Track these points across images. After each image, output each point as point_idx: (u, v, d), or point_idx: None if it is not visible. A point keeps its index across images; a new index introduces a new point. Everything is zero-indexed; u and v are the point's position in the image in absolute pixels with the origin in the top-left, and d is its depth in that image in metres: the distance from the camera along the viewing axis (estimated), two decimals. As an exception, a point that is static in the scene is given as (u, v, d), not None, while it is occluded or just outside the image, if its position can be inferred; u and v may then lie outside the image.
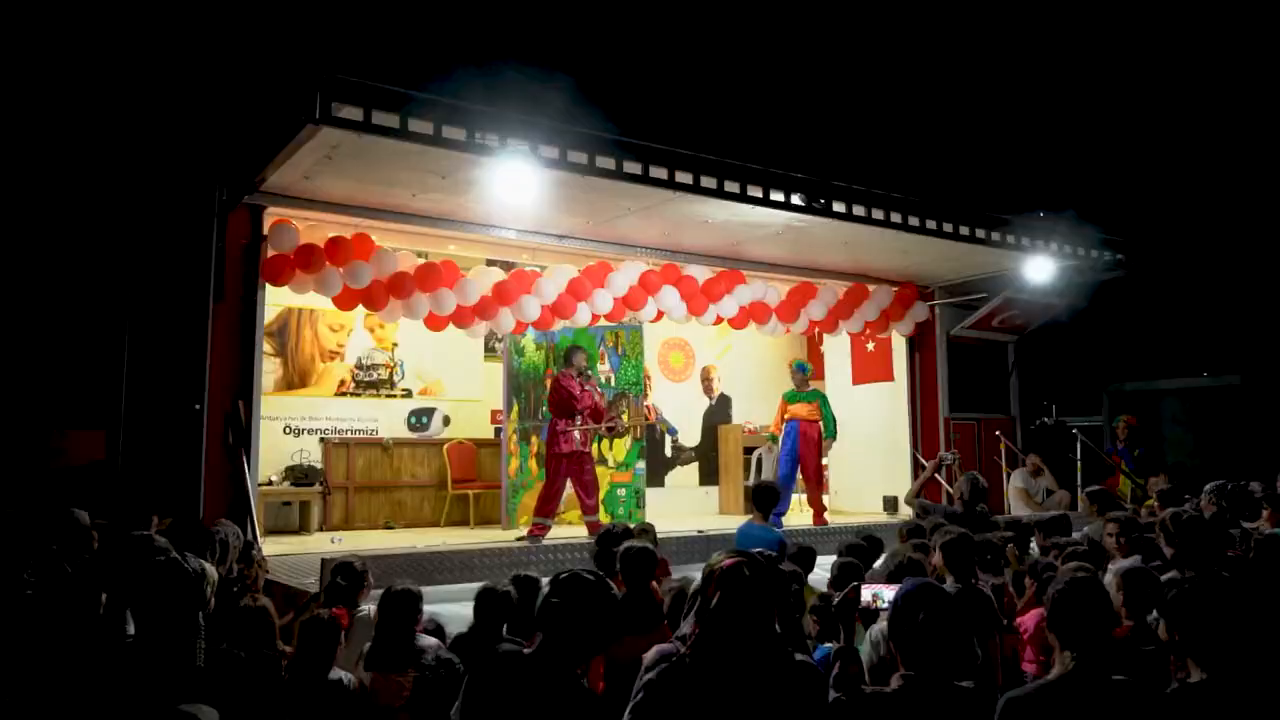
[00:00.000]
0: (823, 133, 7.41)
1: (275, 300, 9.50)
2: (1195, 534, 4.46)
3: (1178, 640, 2.68)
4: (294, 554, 7.74)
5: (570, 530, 9.20)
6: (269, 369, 9.88)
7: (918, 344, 11.69)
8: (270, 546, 8.43)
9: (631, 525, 4.96)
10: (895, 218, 7.81)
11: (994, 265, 9.95)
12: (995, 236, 8.47)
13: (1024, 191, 8.59)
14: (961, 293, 11.35)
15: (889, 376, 11.79)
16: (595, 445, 10.87)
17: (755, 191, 6.99)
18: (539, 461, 10.60)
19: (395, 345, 10.55)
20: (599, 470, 10.77)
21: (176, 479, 7.22)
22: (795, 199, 7.21)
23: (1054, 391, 12.21)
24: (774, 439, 10.67)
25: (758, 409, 12.63)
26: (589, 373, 9.25)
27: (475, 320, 8.65)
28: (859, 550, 5.90)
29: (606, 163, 6.25)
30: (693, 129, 6.84)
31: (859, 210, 7.61)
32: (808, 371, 10.50)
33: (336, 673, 3.52)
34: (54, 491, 6.63)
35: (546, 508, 8.60)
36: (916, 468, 11.35)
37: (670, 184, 6.60)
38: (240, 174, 6.79)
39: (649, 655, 2.39)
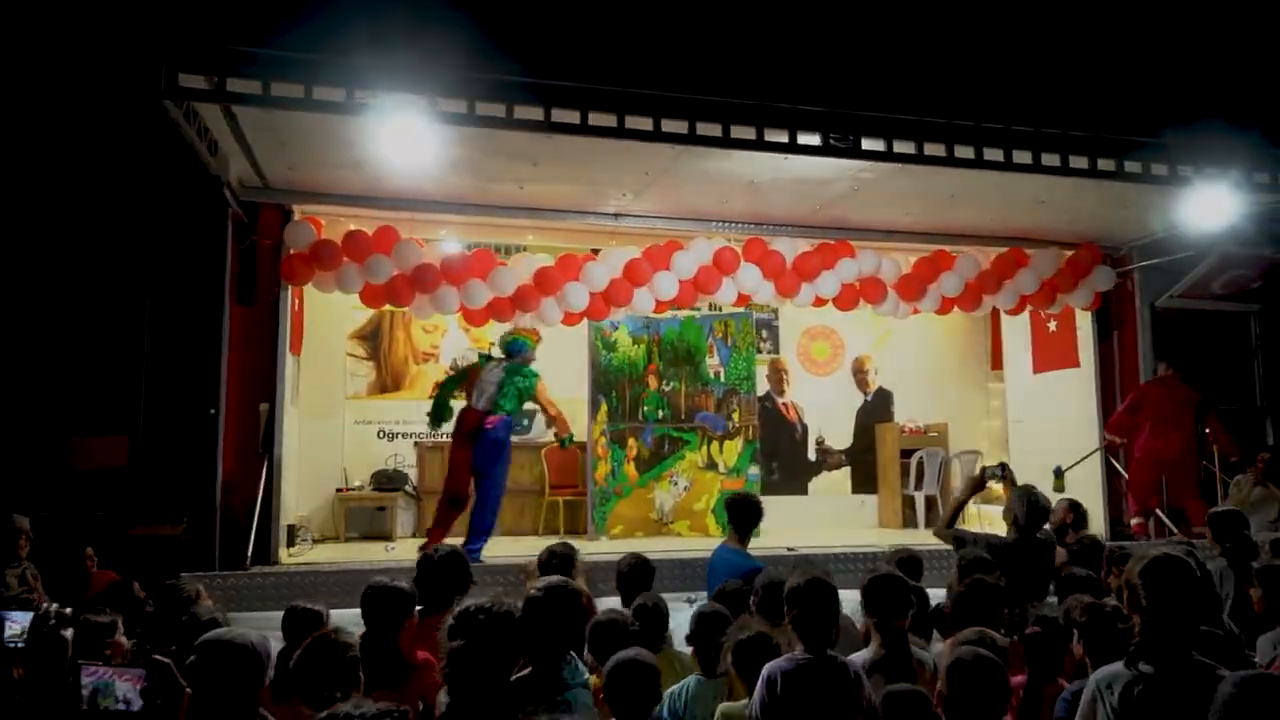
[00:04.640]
0: (851, 54, 5.87)
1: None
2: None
3: None
4: (316, 565, 7.39)
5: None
6: (362, 372, 9.80)
7: (1114, 320, 9.35)
8: (327, 552, 8.24)
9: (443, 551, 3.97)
10: (963, 152, 6.02)
11: (1180, 212, 7.61)
12: (1131, 166, 6.32)
13: (1182, 104, 6.36)
14: (1164, 252, 8.91)
15: (1074, 362, 9.52)
16: (705, 448, 9.77)
17: (743, 133, 5.62)
18: (637, 466, 9.69)
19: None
20: (708, 476, 9.66)
21: (193, 484, 7.16)
22: (805, 139, 5.74)
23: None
24: None
25: (924, 405, 10.81)
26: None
27: (515, 312, 7.93)
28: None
29: (531, 113, 5.27)
30: (676, 68, 5.63)
31: (903, 147, 5.92)
32: None
33: None
34: (77, 496, 6.76)
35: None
36: (1110, 474, 9.06)
37: (620, 132, 5.46)
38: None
39: None
